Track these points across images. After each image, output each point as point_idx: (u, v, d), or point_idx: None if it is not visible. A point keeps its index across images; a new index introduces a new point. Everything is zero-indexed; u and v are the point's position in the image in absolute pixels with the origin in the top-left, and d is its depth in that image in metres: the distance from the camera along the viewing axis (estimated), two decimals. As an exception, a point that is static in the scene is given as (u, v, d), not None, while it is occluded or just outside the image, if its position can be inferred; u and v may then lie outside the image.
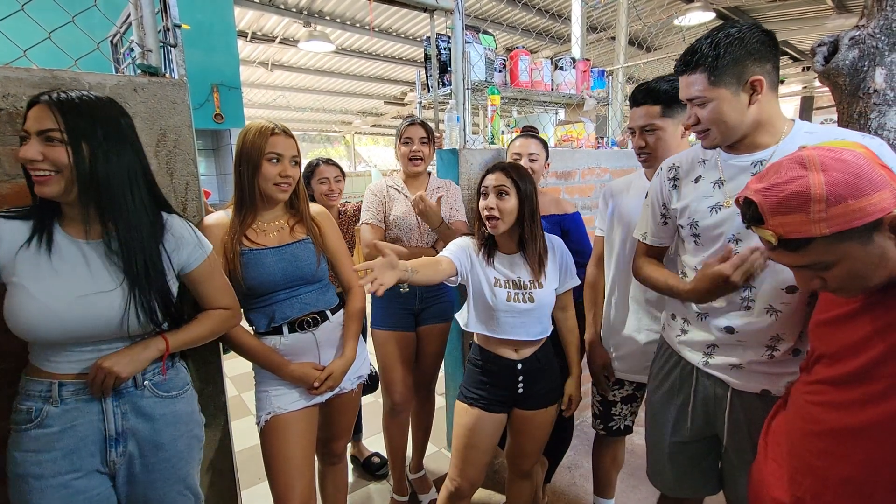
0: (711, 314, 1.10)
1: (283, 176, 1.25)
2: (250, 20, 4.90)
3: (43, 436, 0.92)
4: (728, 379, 1.09)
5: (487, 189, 1.38)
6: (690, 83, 1.01)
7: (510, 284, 1.41)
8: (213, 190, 4.75)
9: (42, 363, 0.94)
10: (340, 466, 1.59)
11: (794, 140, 1.01)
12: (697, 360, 1.14)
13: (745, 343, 1.06)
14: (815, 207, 0.68)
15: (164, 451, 1.03)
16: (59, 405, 0.93)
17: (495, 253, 1.44)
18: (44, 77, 1.06)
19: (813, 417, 0.83)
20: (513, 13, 4.98)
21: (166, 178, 1.23)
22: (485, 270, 1.42)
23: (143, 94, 1.18)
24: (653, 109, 1.37)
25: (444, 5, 1.94)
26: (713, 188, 1.09)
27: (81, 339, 0.93)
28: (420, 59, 6.18)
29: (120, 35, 2.06)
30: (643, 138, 1.40)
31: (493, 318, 1.42)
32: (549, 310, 1.46)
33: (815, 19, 5.22)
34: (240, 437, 1.46)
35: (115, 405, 0.98)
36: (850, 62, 1.44)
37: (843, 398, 0.79)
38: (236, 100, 4.05)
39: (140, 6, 1.20)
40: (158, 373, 1.04)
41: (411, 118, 1.86)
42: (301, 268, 1.30)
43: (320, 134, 13.23)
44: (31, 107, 0.87)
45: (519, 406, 1.48)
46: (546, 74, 2.44)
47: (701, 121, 1.02)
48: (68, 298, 0.90)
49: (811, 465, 0.82)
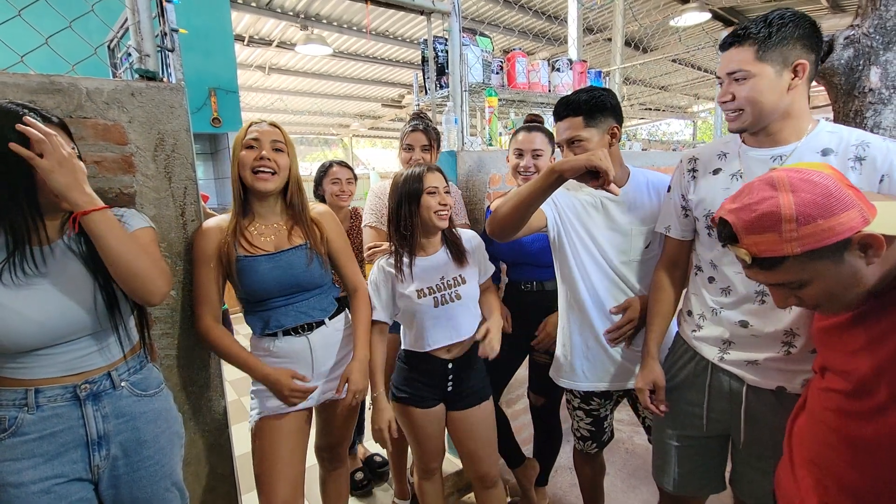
0: (726, 308, 1.11)
1: (258, 159, 1.21)
2: (247, 24, 4.90)
3: (20, 444, 0.90)
4: (744, 375, 1.09)
5: (436, 188, 1.39)
6: (734, 57, 1.01)
7: (434, 290, 1.41)
8: (211, 194, 4.74)
9: (12, 372, 0.91)
10: (341, 471, 1.58)
11: (818, 139, 1.02)
12: (713, 355, 1.14)
13: (760, 338, 1.06)
14: (787, 227, 0.70)
15: (147, 447, 1.03)
16: (34, 412, 0.91)
17: (414, 261, 1.42)
18: (41, 82, 1.06)
19: (829, 424, 0.83)
20: (509, 15, 5.00)
21: (164, 183, 1.23)
22: (402, 287, 1.41)
23: (140, 98, 1.18)
24: (575, 121, 1.31)
25: (440, 8, 1.95)
26: (731, 180, 1.09)
27: (63, 340, 0.93)
28: (417, 62, 6.18)
29: (117, 40, 2.07)
30: (572, 151, 1.31)
31: (422, 332, 1.43)
32: (475, 302, 1.48)
33: (810, 19, 5.25)
34: (239, 441, 1.45)
35: (95, 409, 0.97)
36: (846, 61, 1.45)
37: (851, 408, 0.78)
38: (234, 103, 4.06)
39: (137, 11, 1.20)
40: (135, 371, 1.05)
41: (414, 122, 1.82)
42: (296, 276, 1.27)
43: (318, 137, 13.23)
44: None
45: (450, 407, 1.50)
46: (543, 76, 2.45)
47: (736, 98, 1.01)
48: (46, 304, 0.90)
49: (834, 472, 0.81)
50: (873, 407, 0.74)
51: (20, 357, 0.91)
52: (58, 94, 1.08)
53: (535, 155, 1.63)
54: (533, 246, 1.65)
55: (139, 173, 1.19)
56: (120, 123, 1.16)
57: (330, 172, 2.06)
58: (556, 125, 1.38)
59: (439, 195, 1.40)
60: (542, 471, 1.95)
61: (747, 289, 1.06)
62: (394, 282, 1.43)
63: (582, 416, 1.56)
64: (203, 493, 1.37)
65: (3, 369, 0.92)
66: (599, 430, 1.57)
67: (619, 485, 1.83)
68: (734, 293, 1.09)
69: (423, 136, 1.78)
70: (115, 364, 1.02)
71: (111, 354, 1.01)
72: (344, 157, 13.31)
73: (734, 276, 1.09)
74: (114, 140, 1.15)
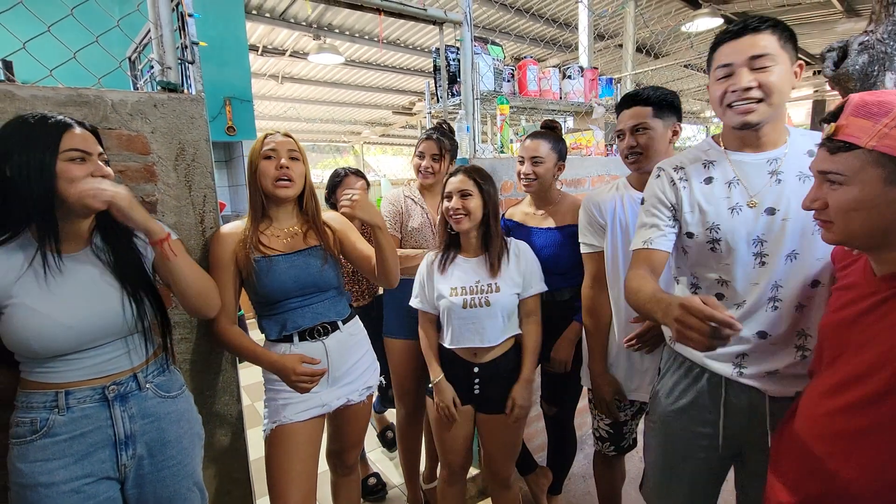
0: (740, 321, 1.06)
1: (279, 168, 1.26)
2: (261, 34, 4.99)
3: (51, 444, 0.93)
4: (765, 387, 1.04)
5: (451, 192, 1.46)
6: (757, 41, 0.94)
7: (467, 291, 1.46)
8: (226, 201, 4.81)
9: (43, 376, 0.95)
10: (353, 478, 1.59)
11: (799, 141, 1.03)
12: (729, 371, 1.06)
13: (777, 346, 1.03)
14: (885, 121, 0.70)
15: (171, 447, 1.06)
16: (65, 413, 0.94)
17: (455, 259, 1.50)
18: (70, 95, 1.10)
19: (819, 421, 0.83)
20: (521, 23, 5.02)
21: (184, 191, 1.26)
22: (441, 282, 1.49)
23: (162, 109, 1.21)
24: (644, 110, 1.38)
25: (452, 18, 1.98)
26: (728, 188, 1.04)
27: (92, 344, 0.96)
28: (428, 70, 6.24)
29: (138, 52, 2.12)
30: (635, 138, 1.39)
31: (448, 329, 1.49)
32: (506, 313, 1.48)
33: (824, 23, 5.19)
34: (253, 446, 1.47)
35: (122, 409, 1.00)
36: (860, 67, 1.44)
37: (846, 401, 0.78)
38: (248, 112, 4.12)
39: (160, 25, 1.24)
40: (160, 373, 1.08)
41: (429, 131, 1.86)
42: (312, 275, 1.31)
43: (330, 144, 13.37)
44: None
45: (477, 408, 1.53)
46: (554, 83, 2.46)
47: (762, 85, 0.94)
48: (76, 310, 0.94)
49: (818, 468, 0.82)
50: (875, 393, 0.74)
51: (50, 361, 0.94)
52: (84, 106, 1.12)
53: (535, 162, 1.66)
54: (542, 252, 1.65)
55: (161, 182, 1.23)
56: (143, 134, 1.19)
57: (344, 182, 2.08)
58: (623, 113, 1.43)
59: (455, 199, 1.45)
60: (555, 479, 1.94)
61: (761, 295, 1.02)
62: (436, 275, 1.51)
63: (602, 415, 1.58)
64: (219, 495, 1.39)
65: (34, 373, 0.95)
66: (618, 434, 1.57)
67: (633, 494, 1.81)
68: (746, 304, 1.04)
69: (434, 145, 1.82)
70: (141, 366, 1.05)
71: (137, 357, 1.04)
72: (355, 163, 13.43)
73: (747, 287, 1.04)
74: (137, 150, 1.19)
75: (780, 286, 1.01)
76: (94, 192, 0.90)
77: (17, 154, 0.87)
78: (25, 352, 0.92)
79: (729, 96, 0.98)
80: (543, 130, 1.75)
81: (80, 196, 0.89)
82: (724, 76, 0.99)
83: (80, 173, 0.91)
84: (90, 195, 0.90)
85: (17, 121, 0.90)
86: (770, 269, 1.01)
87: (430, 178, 1.84)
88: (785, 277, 1.00)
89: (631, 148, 1.40)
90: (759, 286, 1.02)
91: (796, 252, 1.00)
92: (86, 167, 0.92)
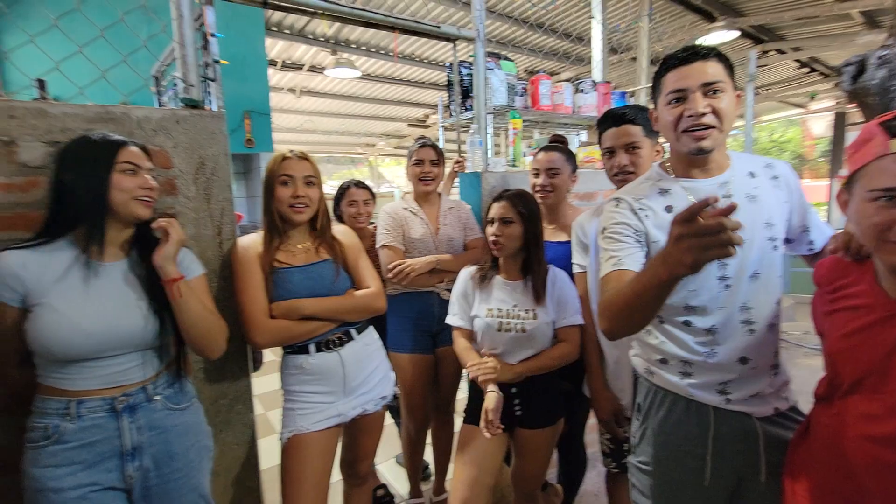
0: (717, 346, 1.02)
1: (295, 196, 1.30)
2: (280, 49, 5.13)
3: (61, 451, 0.95)
4: (752, 410, 1.02)
5: (494, 217, 1.47)
6: (707, 69, 0.96)
7: (503, 314, 1.45)
8: (244, 212, 4.91)
9: (58, 382, 0.97)
10: (365, 488, 1.60)
11: (739, 164, 1.05)
12: (717, 400, 1.03)
13: (758, 368, 1.02)
14: None
15: (177, 460, 1.07)
16: (76, 421, 0.97)
17: (494, 279, 1.50)
18: (98, 112, 1.15)
19: (844, 451, 0.80)
20: (534, 37, 5.07)
21: (203, 204, 1.30)
22: (478, 301, 1.50)
23: (185, 125, 1.26)
24: (635, 129, 1.37)
25: (465, 35, 2.01)
26: None
27: (108, 353, 0.99)
28: (442, 83, 6.31)
29: (162, 70, 2.20)
30: (629, 157, 1.38)
31: (482, 347, 1.49)
32: (542, 342, 1.46)
33: (844, 36, 5.14)
34: (265, 455, 1.48)
35: (130, 420, 1.01)
36: (879, 81, 1.42)
37: (880, 431, 0.75)
38: (266, 125, 4.22)
39: (184, 45, 1.29)
40: (169, 385, 1.10)
41: (422, 140, 1.92)
42: (326, 286, 1.34)
43: (345, 156, 13.57)
44: None
45: (520, 425, 1.49)
46: (567, 97, 2.47)
47: (716, 111, 0.96)
48: (98, 317, 0.97)
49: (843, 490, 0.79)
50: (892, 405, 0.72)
51: (64, 367, 0.97)
52: (111, 123, 1.16)
53: (551, 174, 1.67)
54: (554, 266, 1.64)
55: (181, 195, 1.27)
56: (165, 149, 1.24)
57: (348, 194, 2.08)
58: (612, 131, 1.41)
59: (497, 226, 1.46)
60: (566, 497, 1.91)
61: (729, 318, 0.99)
62: (475, 293, 1.52)
63: (603, 430, 1.57)
64: (231, 505, 1.40)
65: (49, 378, 0.98)
66: (619, 450, 1.55)
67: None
68: (718, 329, 1.01)
69: (432, 151, 1.88)
70: (151, 378, 1.07)
71: (150, 369, 1.07)
72: (370, 175, 13.59)
73: (714, 311, 1.01)
74: (160, 164, 1.23)
75: (749, 307, 1.00)
76: (168, 222, 1.05)
77: (79, 164, 0.98)
78: (45, 353, 0.95)
79: (685, 121, 0.98)
80: (555, 144, 1.77)
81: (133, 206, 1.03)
82: (676, 101, 0.99)
83: (131, 184, 1.01)
84: (164, 224, 1.05)
85: (82, 138, 1.01)
86: (735, 292, 1.00)
87: (429, 184, 1.87)
88: (752, 298, 1.00)
89: (623, 167, 1.39)
90: (726, 309, 1.01)
91: (758, 272, 1.01)
92: (136, 179, 1.02)
